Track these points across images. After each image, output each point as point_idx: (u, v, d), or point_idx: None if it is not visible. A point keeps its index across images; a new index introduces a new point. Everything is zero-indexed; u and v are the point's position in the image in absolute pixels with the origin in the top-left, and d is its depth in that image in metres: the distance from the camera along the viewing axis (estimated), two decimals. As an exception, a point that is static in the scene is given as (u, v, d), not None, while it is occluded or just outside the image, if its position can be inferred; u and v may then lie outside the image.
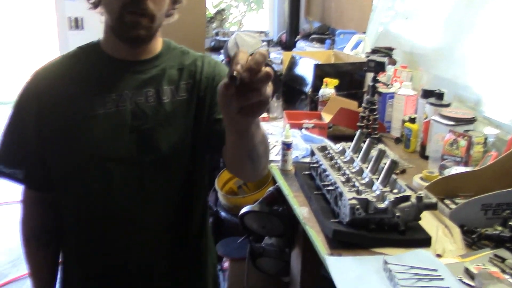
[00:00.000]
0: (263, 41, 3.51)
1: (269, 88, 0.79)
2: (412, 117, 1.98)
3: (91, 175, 1.18)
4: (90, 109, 1.17)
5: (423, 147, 1.91)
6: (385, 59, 1.90)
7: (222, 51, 3.45)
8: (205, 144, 1.24)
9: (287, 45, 4.14)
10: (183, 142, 1.22)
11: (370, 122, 1.96)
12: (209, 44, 4.50)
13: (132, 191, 1.20)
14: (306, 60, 2.44)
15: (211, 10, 4.92)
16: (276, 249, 2.07)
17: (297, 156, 1.81)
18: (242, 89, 0.77)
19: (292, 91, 2.48)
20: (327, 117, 2.13)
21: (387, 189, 1.33)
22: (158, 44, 1.25)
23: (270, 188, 2.04)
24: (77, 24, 4.17)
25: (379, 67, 1.90)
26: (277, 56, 3.50)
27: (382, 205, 1.27)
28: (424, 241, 1.27)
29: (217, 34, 4.44)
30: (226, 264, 2.59)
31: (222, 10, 4.81)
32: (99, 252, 1.26)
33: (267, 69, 0.76)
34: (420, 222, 1.31)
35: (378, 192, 1.31)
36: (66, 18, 4.21)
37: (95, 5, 1.20)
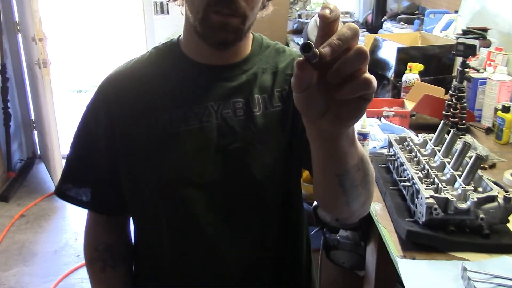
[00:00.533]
0: (346, 22, 3.37)
1: (370, 78, 0.57)
2: (507, 105, 1.80)
3: (170, 203, 1.02)
4: (169, 125, 1.00)
5: (518, 139, 1.73)
6: (477, 42, 1.73)
7: (302, 34, 3.36)
8: (299, 164, 1.07)
9: (373, 26, 3.96)
10: (278, 163, 1.02)
11: (457, 111, 1.81)
12: (291, 27, 4.42)
13: (218, 222, 1.02)
14: (390, 43, 2.30)
15: (295, -9, 4.82)
16: (351, 242, 1.99)
17: (374, 147, 1.71)
18: (327, 76, 0.56)
19: (374, 76, 2.35)
20: (410, 105, 2.00)
21: (471, 187, 1.21)
22: (248, 43, 1.06)
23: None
24: (162, 8, 4.27)
25: (469, 51, 1.74)
26: (362, 39, 3.36)
27: (464, 205, 1.16)
28: (511, 247, 1.14)
29: (300, 16, 4.35)
30: (300, 253, 2.54)
31: (306, -10, 4.70)
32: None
33: (360, 46, 0.57)
34: (509, 225, 1.19)
35: (460, 191, 1.20)
36: (152, 3, 4.32)
37: None
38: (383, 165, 1.57)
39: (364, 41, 2.63)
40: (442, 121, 1.47)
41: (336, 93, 0.57)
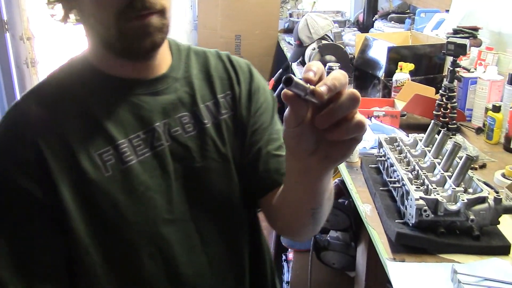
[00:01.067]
0: (337, 22, 3.35)
1: (363, 120, 0.57)
2: (497, 105, 1.79)
3: (146, 250, 0.85)
4: (118, 161, 0.82)
5: (508, 139, 1.72)
6: (467, 41, 1.72)
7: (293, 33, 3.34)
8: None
9: (365, 25, 3.94)
10: (240, 174, 0.95)
11: (447, 111, 1.80)
12: (282, 26, 4.40)
13: (195, 258, 0.91)
14: (380, 42, 2.29)
15: (286, -10, 4.80)
16: (341, 243, 1.98)
17: (364, 147, 1.70)
18: (315, 120, 0.56)
19: (364, 76, 2.34)
20: (400, 105, 1.98)
21: (461, 188, 1.20)
22: (167, 47, 0.93)
23: (336, 180, 1.94)
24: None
25: (460, 50, 1.72)
26: (353, 38, 3.34)
27: (454, 207, 1.15)
28: (502, 248, 1.14)
29: (291, 15, 4.33)
30: (290, 255, 2.53)
31: (297, -11, 4.68)
32: None
33: (353, 91, 0.56)
34: (499, 227, 1.18)
35: (450, 192, 1.18)
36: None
37: (64, 18, 0.85)
38: (373, 165, 1.55)
39: (355, 40, 2.61)
40: (433, 121, 1.46)
41: (327, 135, 0.57)
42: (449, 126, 1.80)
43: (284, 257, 2.65)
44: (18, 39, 3.52)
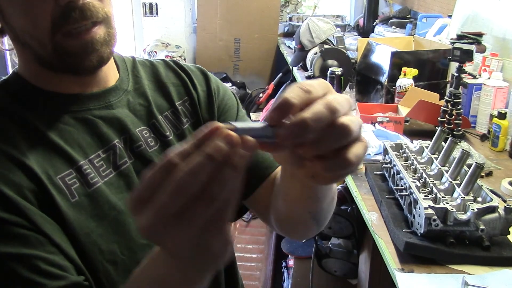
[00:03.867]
0: (338, 26, 3.33)
1: (356, 157, 0.48)
2: (502, 112, 1.77)
3: (115, 282, 0.74)
4: (81, 184, 0.72)
5: (514, 146, 1.70)
6: (473, 47, 1.70)
7: (294, 37, 3.32)
8: None
9: (365, 30, 3.93)
10: None
11: (452, 117, 1.77)
12: (282, 30, 4.38)
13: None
14: (383, 47, 2.27)
15: (285, -6, 4.78)
16: (343, 250, 1.95)
17: (369, 154, 1.67)
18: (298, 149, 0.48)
19: (366, 81, 2.31)
20: (404, 110, 1.96)
21: (470, 197, 1.17)
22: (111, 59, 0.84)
23: (339, 187, 1.91)
24: (151, 9, 4.20)
25: (466, 56, 1.70)
26: (353, 42, 3.32)
27: (464, 216, 1.12)
28: (512, 259, 1.11)
29: (291, 19, 4.31)
30: (290, 262, 2.50)
31: (297, -7, 4.66)
32: None
33: (344, 123, 0.46)
34: (509, 237, 1.15)
35: (459, 201, 1.16)
36: (141, 4, 4.24)
37: None
38: (378, 172, 1.53)
39: (357, 44, 2.59)
40: (439, 128, 1.43)
41: (315, 166, 0.48)
42: (454, 133, 1.77)
43: (284, 264, 2.61)
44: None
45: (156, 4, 4.19)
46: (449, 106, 1.77)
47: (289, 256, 2.52)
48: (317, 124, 0.44)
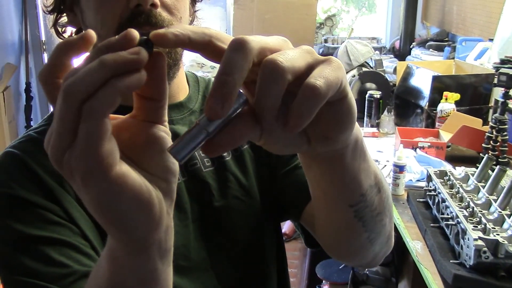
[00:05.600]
0: (374, 48, 3.31)
1: (321, 82, 0.37)
2: (549, 139, 1.71)
3: None
4: None
5: None
6: (519, 72, 1.65)
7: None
8: (276, 212, 0.86)
9: (401, 52, 3.89)
10: (260, 217, 0.82)
11: (498, 144, 1.72)
12: (317, 51, 4.34)
13: None
14: (423, 71, 2.23)
15: (321, 16, 4.79)
16: (381, 277, 1.90)
17: (410, 180, 1.63)
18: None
19: (406, 105, 2.28)
20: (446, 135, 1.91)
21: (522, 228, 1.12)
22: (183, 77, 0.85)
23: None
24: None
25: (512, 81, 1.66)
26: (390, 65, 3.29)
27: (515, 249, 1.07)
28: None
29: (326, 41, 4.30)
30: None
31: (332, 15, 4.66)
32: None
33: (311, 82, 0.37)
34: None
35: (510, 232, 1.11)
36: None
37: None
38: (421, 199, 1.49)
39: (397, 67, 2.56)
40: (486, 156, 1.39)
41: (287, 129, 0.38)
42: (499, 160, 1.72)
43: (317, 289, 2.56)
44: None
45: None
46: (494, 132, 1.72)
47: (324, 281, 2.47)
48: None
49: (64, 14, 0.78)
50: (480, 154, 1.75)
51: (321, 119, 0.41)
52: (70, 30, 0.81)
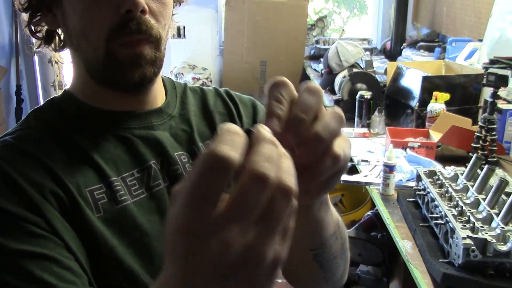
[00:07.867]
0: (365, 49, 3.32)
1: (342, 151, 0.46)
2: (538, 138, 1.72)
3: None
4: (109, 199, 0.71)
5: (552, 174, 1.65)
6: (508, 72, 1.67)
7: (321, 60, 3.31)
8: None
9: (392, 53, 3.91)
10: None
11: (487, 143, 1.73)
12: (308, 52, 4.39)
13: None
14: (414, 71, 2.24)
15: (312, 17, 4.81)
16: (372, 277, 1.90)
17: (400, 180, 1.64)
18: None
19: (396, 105, 2.28)
20: (436, 135, 1.92)
21: (510, 227, 1.13)
22: (161, 81, 0.85)
23: (369, 213, 1.87)
24: (179, 32, 4.26)
25: (501, 81, 1.67)
26: (381, 66, 3.31)
27: (504, 247, 1.09)
28: (556, 294, 1.06)
29: (317, 42, 4.31)
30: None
31: (324, 17, 4.67)
32: None
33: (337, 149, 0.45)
34: (552, 270, 1.10)
35: (498, 231, 1.12)
36: (169, 27, 4.30)
37: (48, 39, 0.80)
38: (410, 199, 1.49)
39: (387, 68, 2.57)
40: (475, 155, 1.40)
41: (304, 176, 0.42)
42: (488, 159, 1.73)
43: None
44: (47, 62, 3.56)
45: (184, 27, 4.24)
46: (483, 132, 1.73)
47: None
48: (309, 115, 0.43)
49: (39, 14, 0.76)
50: (470, 153, 1.76)
51: (314, 179, 0.46)
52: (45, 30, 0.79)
